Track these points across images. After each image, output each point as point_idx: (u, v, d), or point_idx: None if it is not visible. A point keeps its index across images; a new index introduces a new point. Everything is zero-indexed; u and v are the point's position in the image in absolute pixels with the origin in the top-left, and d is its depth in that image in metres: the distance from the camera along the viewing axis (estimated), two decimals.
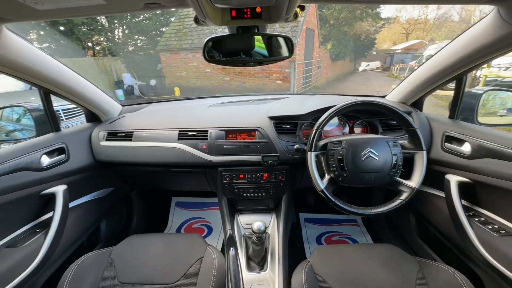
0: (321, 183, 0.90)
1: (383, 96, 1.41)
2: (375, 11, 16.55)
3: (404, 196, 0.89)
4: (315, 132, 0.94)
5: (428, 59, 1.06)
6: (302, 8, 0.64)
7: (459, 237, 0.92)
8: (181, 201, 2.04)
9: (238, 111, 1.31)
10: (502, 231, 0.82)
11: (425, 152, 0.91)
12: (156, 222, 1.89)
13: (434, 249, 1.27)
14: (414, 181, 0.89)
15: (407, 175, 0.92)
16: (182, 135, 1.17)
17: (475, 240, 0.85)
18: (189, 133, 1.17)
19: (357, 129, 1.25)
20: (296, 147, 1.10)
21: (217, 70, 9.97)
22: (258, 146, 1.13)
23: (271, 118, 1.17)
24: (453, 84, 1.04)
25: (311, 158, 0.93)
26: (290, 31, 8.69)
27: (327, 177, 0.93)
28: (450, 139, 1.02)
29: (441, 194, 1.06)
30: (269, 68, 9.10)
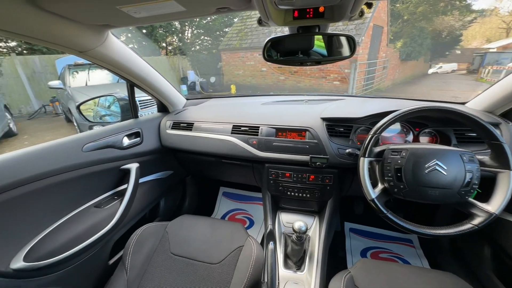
0: (372, 192, 0.83)
1: (463, 103, 1.21)
2: (464, 3, 13.95)
3: (477, 221, 0.75)
4: (372, 136, 0.87)
5: None
6: (369, 5, 0.60)
7: None
8: (228, 192, 2.17)
9: (290, 110, 1.32)
10: None
11: None
12: (204, 206, 2.06)
13: None
14: (494, 206, 0.74)
15: (484, 197, 0.77)
16: (235, 129, 1.25)
17: None
18: (242, 128, 1.24)
19: (423, 138, 1.11)
20: (347, 151, 1.05)
21: (273, 69, 10.08)
22: (307, 147, 1.11)
23: (324, 119, 1.14)
24: None
25: (364, 164, 0.87)
26: (354, 28, 8.09)
27: (380, 186, 0.86)
28: None
29: None
30: (326, 68, 8.70)
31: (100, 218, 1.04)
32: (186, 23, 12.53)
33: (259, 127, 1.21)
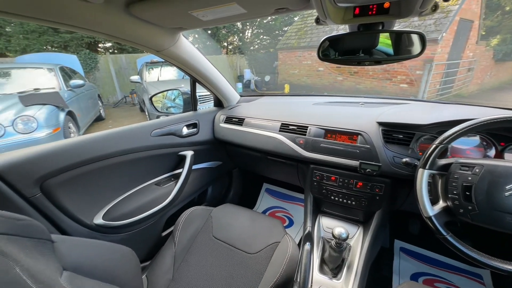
0: (430, 209, 0.74)
1: None
2: None
3: None
4: (436, 146, 0.76)
5: None
6: None
7: None
8: (271, 189, 2.20)
9: (342, 111, 1.26)
10: None
11: None
12: (247, 199, 2.15)
13: None
14: None
15: None
16: (283, 127, 1.26)
17: None
18: (290, 127, 1.25)
19: (509, 155, 0.91)
20: (404, 160, 0.93)
21: (330, 69, 9.61)
22: (357, 151, 1.05)
23: (381, 123, 1.05)
24: None
25: (423, 176, 0.77)
26: (433, 24, 6.91)
27: (442, 204, 0.75)
28: None
29: None
30: (393, 69, 7.75)
31: (159, 194, 1.21)
32: (247, 23, 13.06)
33: (307, 127, 1.19)
